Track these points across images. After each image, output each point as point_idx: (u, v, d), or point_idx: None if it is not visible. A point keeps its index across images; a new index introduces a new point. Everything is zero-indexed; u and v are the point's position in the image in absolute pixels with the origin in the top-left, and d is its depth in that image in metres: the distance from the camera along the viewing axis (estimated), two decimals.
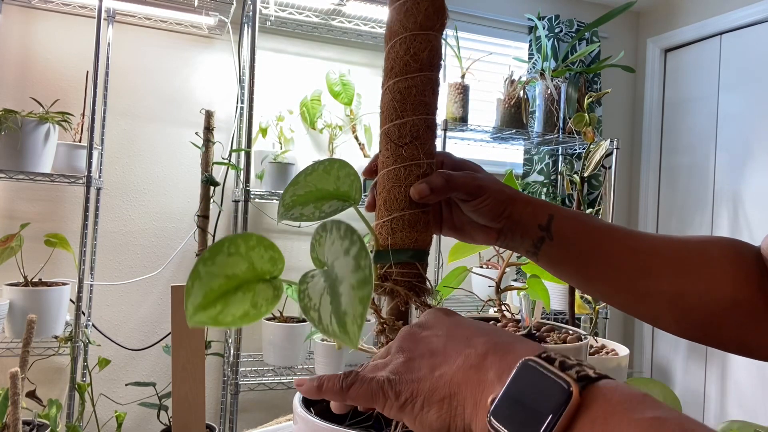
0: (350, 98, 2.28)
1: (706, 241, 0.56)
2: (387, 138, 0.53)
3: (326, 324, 0.39)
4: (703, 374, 2.73)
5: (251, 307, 0.39)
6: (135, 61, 2.16)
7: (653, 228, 3.03)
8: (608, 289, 0.57)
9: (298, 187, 0.52)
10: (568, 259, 0.57)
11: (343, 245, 0.40)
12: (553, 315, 2.42)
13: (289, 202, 0.52)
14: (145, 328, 2.15)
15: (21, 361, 1.03)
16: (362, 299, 0.37)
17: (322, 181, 0.51)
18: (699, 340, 0.56)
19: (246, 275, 0.40)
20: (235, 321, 0.39)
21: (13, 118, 1.67)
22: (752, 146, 2.59)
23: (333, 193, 0.51)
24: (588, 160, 1.49)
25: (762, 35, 2.57)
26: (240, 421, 2.14)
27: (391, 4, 0.53)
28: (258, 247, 0.40)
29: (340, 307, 0.38)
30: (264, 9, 2.10)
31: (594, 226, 0.57)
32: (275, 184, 2.09)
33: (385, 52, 0.54)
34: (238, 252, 0.40)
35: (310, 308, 0.40)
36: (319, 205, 0.52)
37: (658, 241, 0.56)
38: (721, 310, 0.53)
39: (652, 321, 0.58)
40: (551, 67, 2.57)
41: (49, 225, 2.02)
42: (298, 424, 0.49)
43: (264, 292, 0.40)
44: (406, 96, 0.52)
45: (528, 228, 0.56)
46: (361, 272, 0.38)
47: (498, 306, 0.82)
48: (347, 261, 0.39)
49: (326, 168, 0.51)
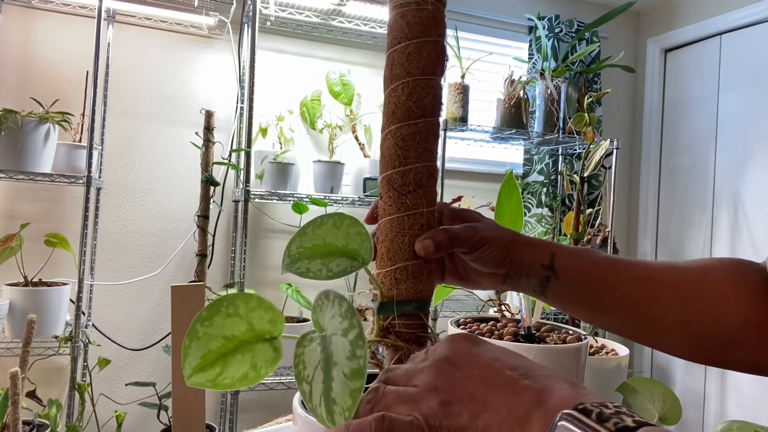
0: (350, 98, 2.28)
1: (709, 265, 0.56)
2: (389, 185, 0.52)
3: (315, 404, 0.38)
4: (703, 374, 2.73)
5: (250, 368, 0.38)
6: (135, 61, 2.16)
7: (653, 228, 3.03)
8: (618, 322, 0.57)
9: (306, 239, 0.49)
10: (576, 295, 0.57)
11: (343, 324, 0.39)
12: (553, 315, 2.42)
13: (295, 254, 0.49)
14: (145, 328, 2.15)
15: (21, 361, 1.03)
16: (353, 393, 0.37)
17: (330, 235, 0.49)
18: (715, 364, 0.56)
19: (245, 336, 0.39)
20: (233, 383, 0.38)
21: (13, 118, 1.67)
22: (752, 146, 2.59)
23: (341, 249, 0.49)
24: (588, 160, 1.49)
25: (762, 35, 2.57)
26: (240, 421, 2.14)
27: (391, 46, 0.52)
28: (258, 309, 0.40)
29: (331, 392, 0.38)
30: (264, 9, 2.10)
31: (597, 259, 0.57)
32: (275, 184, 2.09)
33: (386, 94, 0.53)
34: (237, 313, 0.39)
35: (303, 379, 0.39)
36: (327, 262, 0.49)
37: (661, 269, 0.57)
38: (732, 332, 0.53)
39: (666, 349, 0.58)
40: (551, 67, 2.57)
41: (49, 225, 2.02)
42: (298, 424, 0.49)
43: (263, 353, 0.39)
44: (410, 143, 0.51)
45: (532, 269, 0.56)
46: (355, 362, 0.37)
47: (498, 306, 0.82)
48: (344, 343, 0.39)
49: (336, 222, 0.48)
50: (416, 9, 0.50)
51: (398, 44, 0.51)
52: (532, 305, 0.78)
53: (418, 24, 0.51)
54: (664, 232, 3.00)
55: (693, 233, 2.83)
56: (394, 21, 0.52)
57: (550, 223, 2.66)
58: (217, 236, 2.22)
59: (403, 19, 0.51)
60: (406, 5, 0.51)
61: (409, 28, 0.51)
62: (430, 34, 0.51)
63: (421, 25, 0.51)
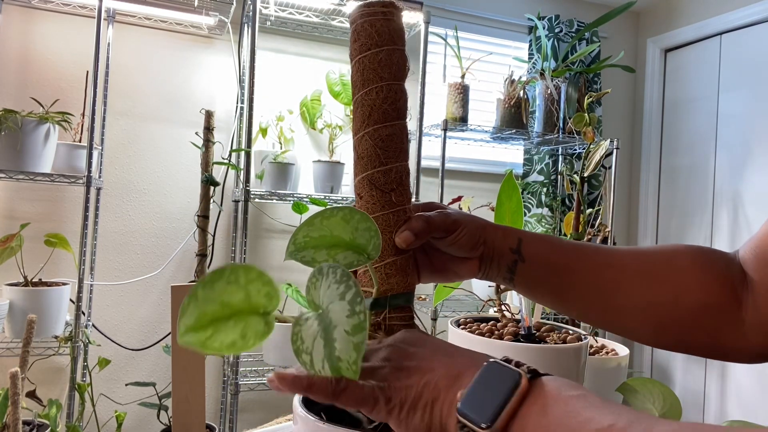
0: (350, 98, 2.28)
1: (673, 250, 0.58)
2: (371, 184, 0.54)
3: (317, 368, 0.40)
4: (703, 374, 2.73)
5: (240, 337, 0.40)
6: (135, 61, 2.16)
7: (653, 228, 3.03)
8: (582, 307, 0.59)
9: (313, 228, 0.49)
10: (541, 280, 0.59)
11: (339, 289, 0.41)
12: (553, 315, 2.42)
13: (301, 242, 0.50)
14: (145, 328, 2.15)
15: (21, 361, 1.03)
16: (357, 345, 0.39)
17: (338, 228, 0.49)
18: (675, 349, 0.58)
19: (240, 306, 0.40)
20: (221, 348, 0.39)
21: (13, 118, 1.67)
22: (752, 146, 2.59)
23: (348, 243, 0.50)
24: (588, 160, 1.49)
25: (762, 35, 2.57)
26: (240, 421, 2.14)
27: (360, 52, 0.55)
28: (257, 281, 0.40)
29: (334, 352, 0.39)
30: (264, 9, 2.10)
31: (562, 245, 0.59)
32: (275, 184, 2.09)
33: (358, 97, 0.55)
34: (237, 281, 0.40)
35: (302, 351, 0.41)
36: (333, 254, 0.50)
37: (625, 255, 0.58)
38: (691, 316, 0.55)
39: (629, 335, 0.59)
40: (551, 67, 2.57)
41: (49, 225, 2.02)
42: (298, 424, 0.49)
43: (255, 325, 0.40)
44: (389, 143, 0.54)
45: (502, 252, 0.58)
46: (356, 317, 0.39)
47: (498, 306, 0.82)
48: (342, 306, 0.40)
49: (345, 216, 0.49)
50: (384, 18, 0.54)
51: (368, 51, 0.54)
52: (532, 305, 0.78)
53: (387, 33, 0.54)
54: (664, 232, 3.00)
55: (693, 233, 2.83)
56: (362, 28, 0.55)
57: (550, 223, 2.66)
58: (217, 236, 2.22)
59: (372, 27, 0.54)
60: (374, 15, 0.54)
61: (379, 36, 0.54)
62: (396, 42, 0.55)
63: (390, 33, 0.54)
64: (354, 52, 0.55)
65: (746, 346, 0.55)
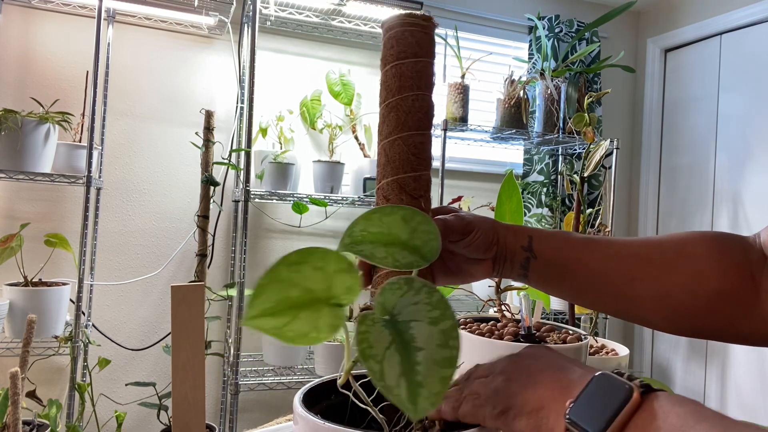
0: (350, 98, 2.28)
1: (686, 237, 0.58)
2: (401, 188, 0.55)
3: (390, 384, 0.36)
4: (703, 374, 2.73)
5: (313, 329, 0.37)
6: (135, 61, 2.16)
7: (653, 228, 3.03)
8: (597, 298, 0.60)
9: (371, 224, 0.48)
10: (555, 274, 0.60)
11: (431, 313, 0.39)
12: (553, 315, 2.42)
13: (358, 236, 0.48)
14: (145, 328, 2.15)
15: (21, 361, 1.02)
16: (444, 380, 0.36)
17: (397, 226, 0.48)
18: (692, 335, 0.58)
19: (322, 294, 0.38)
20: (294, 338, 0.37)
21: (13, 118, 1.67)
22: (752, 146, 2.59)
23: (404, 242, 0.48)
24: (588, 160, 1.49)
25: (762, 35, 2.57)
26: (240, 421, 2.14)
27: (398, 58, 0.56)
28: (345, 273, 0.38)
29: (416, 376, 0.36)
30: (264, 9, 2.10)
31: (573, 239, 0.60)
32: (275, 184, 2.09)
33: (393, 101, 0.56)
34: (324, 269, 0.38)
35: (370, 356, 0.37)
36: (392, 251, 0.48)
37: (637, 245, 0.59)
38: (706, 304, 0.55)
39: (644, 323, 0.60)
40: (551, 67, 2.57)
41: (49, 225, 2.02)
42: (298, 424, 0.49)
43: (329, 318, 0.38)
44: (421, 150, 0.56)
45: (514, 251, 0.59)
46: (448, 351, 0.37)
47: (498, 306, 0.82)
48: (432, 331, 0.38)
49: (405, 216, 0.48)
50: (422, 32, 0.56)
51: (406, 59, 0.56)
52: (532, 305, 0.78)
53: (426, 45, 0.56)
54: (664, 232, 2.99)
55: None
56: (402, 36, 0.56)
57: (550, 223, 2.67)
58: (217, 236, 2.22)
59: (413, 37, 0.56)
60: (415, 26, 0.56)
61: (419, 47, 0.56)
62: (431, 56, 0.57)
63: (428, 47, 0.57)
64: (390, 57, 0.57)
65: (765, 330, 0.55)
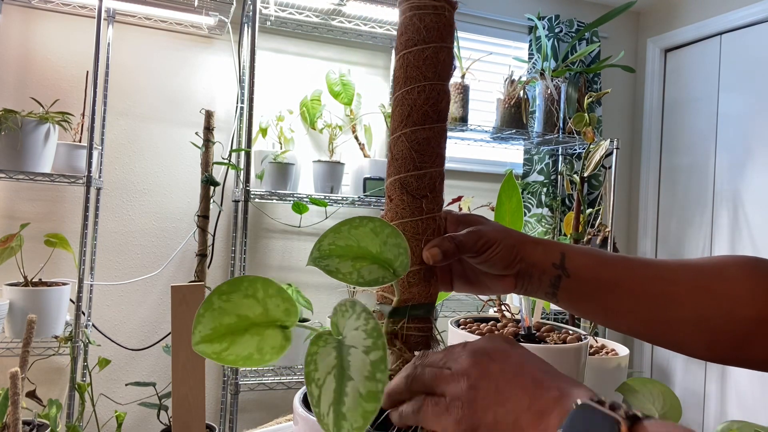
0: (350, 98, 2.28)
1: (724, 262, 0.56)
2: (403, 188, 0.51)
3: (323, 411, 0.37)
4: (703, 374, 2.73)
5: (256, 351, 0.38)
6: (135, 61, 2.16)
7: (653, 228, 3.03)
8: (631, 322, 0.57)
9: (339, 237, 0.46)
10: (588, 295, 0.56)
11: (366, 342, 0.39)
12: (553, 315, 2.42)
13: (326, 249, 0.47)
14: (145, 328, 2.15)
15: (21, 361, 1.02)
16: (366, 414, 0.36)
17: (366, 239, 0.46)
18: (730, 363, 0.56)
19: (258, 319, 0.39)
20: (237, 361, 0.38)
21: (13, 118, 1.67)
22: (752, 146, 2.59)
23: (375, 256, 0.47)
24: (588, 160, 1.49)
25: (762, 35, 2.57)
26: (240, 421, 2.14)
27: (405, 47, 0.51)
28: (276, 296, 0.39)
29: (342, 406, 0.36)
30: (264, 9, 2.10)
31: (608, 258, 0.57)
32: (275, 184, 2.09)
33: (398, 95, 0.52)
34: (255, 296, 0.39)
35: (313, 381, 0.38)
36: (358, 266, 0.47)
37: (675, 268, 0.56)
38: (746, 330, 0.53)
39: (680, 349, 0.57)
40: (551, 67, 2.57)
41: (49, 225, 2.02)
42: (298, 424, 0.49)
43: (272, 339, 0.39)
44: (425, 147, 0.51)
45: (544, 268, 0.56)
46: (374, 384, 0.37)
47: (498, 306, 0.82)
48: (364, 361, 0.38)
49: (375, 228, 0.46)
50: (434, 13, 0.51)
51: (414, 46, 0.51)
52: (532, 305, 0.78)
53: (436, 29, 0.51)
54: (664, 232, 3.00)
55: (693, 233, 2.83)
56: (410, 22, 0.51)
57: (550, 223, 2.66)
58: (217, 236, 2.22)
59: (421, 21, 0.51)
60: (424, 8, 0.51)
61: (428, 31, 0.51)
62: (445, 39, 0.52)
63: (439, 30, 0.51)
64: (399, 47, 0.52)
65: None
